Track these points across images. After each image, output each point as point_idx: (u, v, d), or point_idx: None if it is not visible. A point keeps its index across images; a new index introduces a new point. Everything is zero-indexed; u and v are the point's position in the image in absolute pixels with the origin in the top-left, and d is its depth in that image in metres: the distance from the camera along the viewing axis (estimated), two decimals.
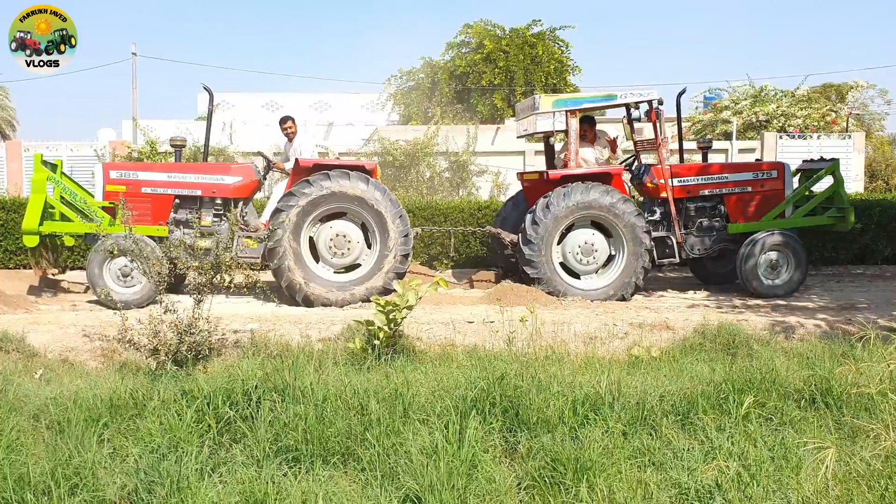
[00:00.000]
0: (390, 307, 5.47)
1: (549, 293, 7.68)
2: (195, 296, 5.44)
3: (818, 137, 14.79)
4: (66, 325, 6.31)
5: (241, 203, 8.07)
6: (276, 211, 7.54)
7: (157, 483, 3.37)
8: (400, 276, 7.63)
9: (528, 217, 7.86)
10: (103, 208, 7.81)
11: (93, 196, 7.99)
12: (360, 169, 7.73)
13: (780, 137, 14.56)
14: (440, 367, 5.04)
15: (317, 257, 7.71)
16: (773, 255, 8.10)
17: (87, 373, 5.38)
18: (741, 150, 14.20)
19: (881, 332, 4.84)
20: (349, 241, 7.64)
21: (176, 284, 7.37)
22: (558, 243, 7.89)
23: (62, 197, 7.88)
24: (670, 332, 6.37)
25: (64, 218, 7.82)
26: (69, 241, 8.16)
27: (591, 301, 7.68)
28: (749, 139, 15.25)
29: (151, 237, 7.41)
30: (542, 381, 4.38)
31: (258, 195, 9.36)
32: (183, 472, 3.39)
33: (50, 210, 7.83)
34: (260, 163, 8.61)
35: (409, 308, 5.55)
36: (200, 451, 3.72)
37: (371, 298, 6.17)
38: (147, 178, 7.94)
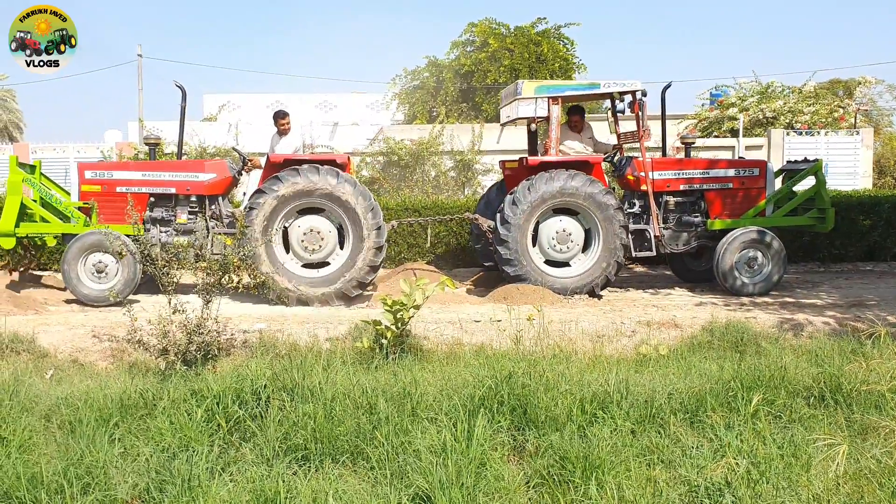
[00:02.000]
0: (397, 306, 5.48)
1: (521, 281, 7.66)
2: (203, 296, 5.46)
3: (826, 134, 14.70)
4: (76, 326, 6.35)
5: (217, 199, 8.07)
6: (248, 209, 7.52)
7: (168, 482, 3.39)
8: (374, 269, 7.58)
9: (499, 216, 7.83)
10: (79, 208, 7.85)
11: (69, 195, 8.05)
12: (330, 162, 7.67)
13: (788, 134, 14.49)
14: (448, 366, 5.05)
15: (290, 252, 7.66)
16: (750, 252, 8.04)
17: (97, 373, 5.42)
18: (748, 147, 14.14)
19: (891, 329, 4.81)
20: (321, 237, 7.61)
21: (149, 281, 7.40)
22: (534, 234, 7.86)
23: (41, 198, 7.93)
24: (678, 330, 6.35)
25: (43, 219, 7.88)
26: (51, 242, 8.23)
27: (570, 289, 7.68)
28: (756, 136, 15.18)
29: (128, 236, 7.44)
30: (549, 380, 4.38)
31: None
32: (194, 471, 3.41)
33: (29, 212, 7.89)
34: (237, 159, 8.59)
35: (417, 307, 5.56)
36: (211, 450, 3.74)
37: (379, 299, 6.16)
38: (122, 178, 7.98)
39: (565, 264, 7.99)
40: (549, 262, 7.98)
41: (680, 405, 4.26)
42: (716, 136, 15.40)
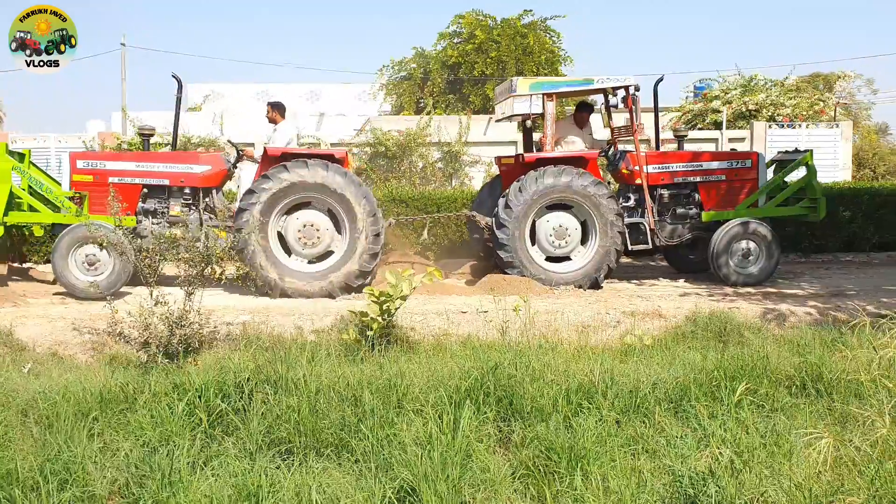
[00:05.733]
0: (384, 298, 5.44)
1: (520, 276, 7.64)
2: (186, 288, 5.39)
3: (807, 126, 14.82)
4: (55, 319, 6.25)
5: (211, 192, 7.98)
6: (240, 210, 7.42)
7: (148, 477, 3.34)
8: (374, 256, 7.56)
9: (501, 201, 7.81)
10: (70, 198, 7.74)
11: (60, 185, 7.92)
12: (328, 157, 7.59)
13: (770, 127, 14.59)
14: (434, 358, 5.03)
15: (288, 250, 7.59)
16: (745, 243, 8.10)
17: (76, 366, 5.33)
18: (731, 140, 14.22)
19: (871, 319, 4.86)
20: (318, 231, 7.55)
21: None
22: (532, 228, 7.85)
23: (29, 187, 7.80)
24: (662, 321, 6.39)
25: (31, 209, 7.75)
26: (38, 232, 8.09)
27: (565, 285, 7.65)
28: (739, 128, 15.27)
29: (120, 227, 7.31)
30: (535, 371, 4.38)
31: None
32: (174, 465, 3.36)
33: (17, 201, 7.74)
34: (232, 152, 8.50)
35: (403, 298, 5.53)
36: (192, 444, 3.69)
37: (365, 290, 6.12)
38: (114, 168, 7.87)
39: (565, 259, 7.97)
40: (549, 259, 7.95)
41: (664, 395, 4.28)
42: (699, 129, 15.48)
